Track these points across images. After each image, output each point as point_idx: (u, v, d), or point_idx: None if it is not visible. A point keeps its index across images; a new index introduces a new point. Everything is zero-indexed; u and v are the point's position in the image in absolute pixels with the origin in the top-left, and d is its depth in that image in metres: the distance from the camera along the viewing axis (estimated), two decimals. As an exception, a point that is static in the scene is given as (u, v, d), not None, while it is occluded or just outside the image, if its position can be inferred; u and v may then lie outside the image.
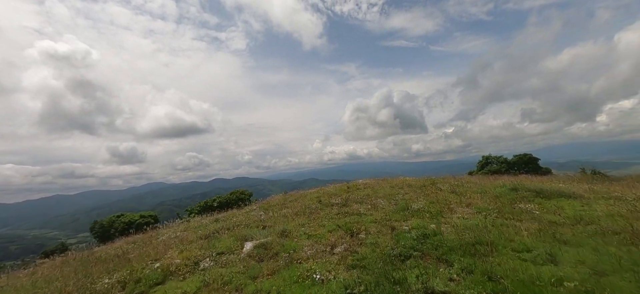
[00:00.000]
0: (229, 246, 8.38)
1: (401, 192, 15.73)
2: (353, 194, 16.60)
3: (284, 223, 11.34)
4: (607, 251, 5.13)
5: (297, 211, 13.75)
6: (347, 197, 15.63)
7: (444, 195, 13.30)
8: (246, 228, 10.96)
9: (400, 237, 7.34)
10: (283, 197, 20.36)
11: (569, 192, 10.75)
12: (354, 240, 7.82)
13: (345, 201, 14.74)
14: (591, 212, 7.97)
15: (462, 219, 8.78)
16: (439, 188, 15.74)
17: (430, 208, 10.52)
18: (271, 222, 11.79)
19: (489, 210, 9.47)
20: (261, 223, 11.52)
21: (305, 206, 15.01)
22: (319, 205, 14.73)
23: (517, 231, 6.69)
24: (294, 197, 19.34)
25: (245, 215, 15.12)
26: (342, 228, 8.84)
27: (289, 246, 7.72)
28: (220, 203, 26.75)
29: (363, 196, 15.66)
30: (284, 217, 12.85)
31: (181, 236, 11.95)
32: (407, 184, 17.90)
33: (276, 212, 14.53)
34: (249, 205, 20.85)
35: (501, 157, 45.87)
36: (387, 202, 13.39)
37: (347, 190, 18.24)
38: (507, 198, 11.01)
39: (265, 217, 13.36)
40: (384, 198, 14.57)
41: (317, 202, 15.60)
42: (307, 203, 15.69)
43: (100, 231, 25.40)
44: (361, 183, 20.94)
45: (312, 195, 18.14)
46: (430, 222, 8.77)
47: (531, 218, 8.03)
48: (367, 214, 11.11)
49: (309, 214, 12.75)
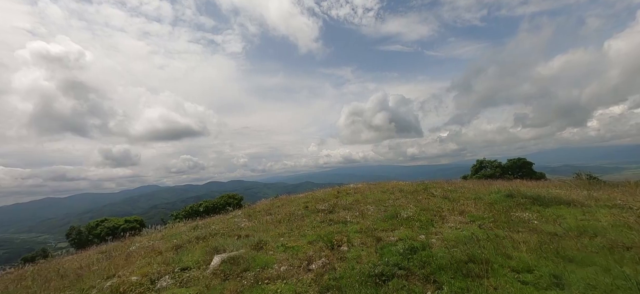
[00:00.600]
0: (196, 259, 7.47)
1: (392, 198, 14.95)
2: (342, 199, 15.78)
3: (264, 231, 10.46)
4: (621, 272, 4.38)
5: (281, 218, 12.88)
6: (335, 203, 14.80)
7: (436, 202, 12.54)
8: (222, 237, 10.05)
9: (385, 251, 6.53)
10: (270, 202, 19.46)
11: (568, 199, 10.07)
12: (334, 254, 6.99)
13: (333, 207, 13.91)
14: (595, 223, 7.25)
15: (454, 229, 8.01)
16: (431, 194, 15.01)
17: (421, 216, 9.74)
18: (251, 231, 10.90)
19: (483, 219, 8.72)
20: (240, 231, 10.62)
21: (291, 212, 14.14)
22: (304, 212, 13.87)
23: (516, 246, 5.92)
24: (281, 202, 18.46)
25: (226, 222, 14.19)
26: (323, 239, 8.00)
27: (261, 260, 6.85)
28: (206, 208, 25.70)
29: (352, 202, 14.85)
30: (266, 225, 11.97)
31: (153, 245, 10.98)
32: (399, 189, 17.15)
33: (260, 219, 13.64)
34: (236, 210, 19.88)
35: (495, 161, 45.57)
36: (376, 209, 12.59)
37: (336, 195, 17.41)
38: (503, 205, 10.29)
39: (246, 224, 12.46)
40: (374, 204, 13.77)
41: (303, 208, 14.74)
42: (293, 209, 14.82)
43: (77, 238, 24.13)
44: (352, 187, 20.15)
45: (300, 201, 17.29)
46: (420, 232, 7.98)
47: (530, 229, 7.28)
48: (353, 222, 10.28)
49: (293, 221, 11.89)
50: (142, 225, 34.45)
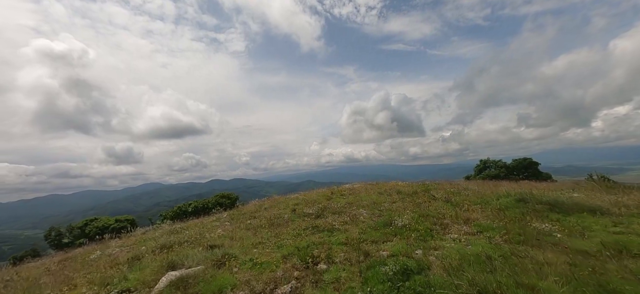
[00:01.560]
0: (144, 278, 6.15)
1: (388, 200, 13.55)
2: (334, 202, 14.41)
3: (239, 240, 9.12)
4: None
5: (264, 222, 11.54)
6: (325, 206, 13.43)
7: (437, 206, 11.12)
8: (189, 246, 8.74)
9: (371, 273, 5.15)
10: (260, 203, 18.14)
11: (591, 205, 8.60)
12: (308, 274, 5.63)
13: (322, 211, 12.54)
14: (634, 237, 5.81)
15: (458, 243, 6.61)
16: (432, 197, 13.58)
17: (419, 224, 8.33)
18: (224, 239, 9.56)
19: (493, 230, 7.30)
20: (212, 240, 9.28)
21: (277, 216, 12.81)
22: (291, 215, 12.52)
23: (539, 270, 4.52)
24: (271, 203, 17.14)
25: (205, 226, 12.88)
26: (301, 253, 6.63)
27: (219, 282, 5.51)
28: (196, 209, 24.43)
29: (344, 204, 13.48)
30: (245, 231, 10.65)
31: (115, 254, 9.71)
32: (397, 190, 15.74)
33: (241, 223, 12.33)
34: (222, 212, 18.58)
35: (500, 161, 43.87)
36: (370, 213, 11.20)
37: (329, 197, 16.05)
38: (515, 212, 8.84)
39: (223, 231, 11.13)
40: (367, 207, 12.38)
41: (291, 211, 13.39)
42: (280, 212, 13.49)
43: (56, 239, 22.97)
44: (347, 188, 18.76)
45: (289, 202, 15.94)
46: (416, 246, 6.59)
47: (553, 245, 5.86)
48: (341, 229, 8.91)
49: (275, 227, 10.54)
50: (133, 225, 33.30)
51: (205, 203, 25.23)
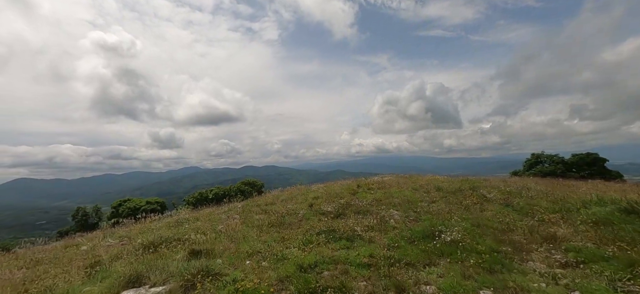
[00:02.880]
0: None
1: (426, 199, 10.99)
2: (359, 197, 12.19)
3: (236, 243, 7.38)
4: None
5: (274, 219, 9.71)
6: (348, 202, 11.27)
7: (495, 212, 8.38)
8: (176, 247, 7.20)
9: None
10: (277, 194, 16.51)
11: None
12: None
13: (344, 208, 10.39)
14: None
15: (552, 282, 4.10)
16: (483, 196, 10.74)
17: (477, 240, 5.83)
18: (221, 239, 7.88)
19: (605, 261, 4.62)
20: (203, 242, 7.65)
21: (291, 211, 10.97)
22: (307, 212, 10.58)
23: None
24: (289, 194, 15.42)
25: (213, 218, 11.47)
26: (302, 281, 4.60)
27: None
28: (216, 195, 23.76)
29: (371, 201, 11.19)
30: (250, 228, 8.93)
31: (108, 246, 8.59)
32: (436, 186, 13.04)
33: (251, 217, 10.69)
34: (235, 202, 17.28)
35: (556, 156, 38.08)
36: (403, 216, 8.83)
37: (354, 191, 13.84)
38: (626, 230, 5.91)
39: (226, 226, 9.52)
40: (400, 207, 9.98)
41: (308, 206, 11.46)
42: (295, 207, 11.64)
43: (83, 220, 23.76)
44: (376, 181, 16.35)
45: (309, 194, 14.04)
46: (481, 281, 4.22)
47: None
48: (364, 239, 6.72)
49: (284, 228, 8.66)
50: (163, 207, 34.21)
51: (226, 191, 24.47)
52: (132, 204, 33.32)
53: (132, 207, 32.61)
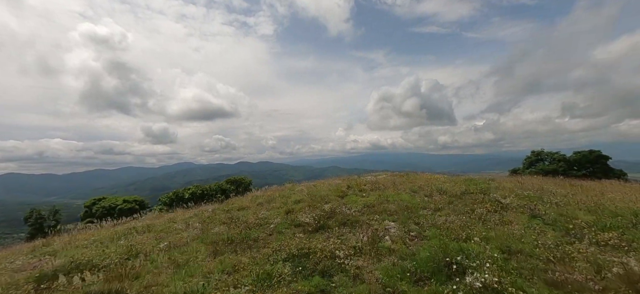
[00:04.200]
0: None
1: (429, 205, 9.00)
2: (349, 201, 10.17)
3: (165, 278, 5.31)
4: None
5: (235, 235, 7.61)
6: (335, 208, 9.22)
7: (524, 226, 6.43)
8: (73, 288, 5.11)
9: None
10: (256, 195, 14.40)
11: None
12: None
13: (328, 217, 8.35)
14: None
15: None
16: (498, 202, 8.79)
17: (524, 290, 3.83)
18: (144, 272, 5.78)
19: None
20: (121, 275, 5.54)
21: (262, 220, 8.91)
22: (282, 222, 8.53)
23: None
24: (268, 196, 13.33)
25: (165, 229, 9.32)
26: None
27: None
28: (193, 195, 21.52)
29: (361, 208, 9.17)
30: (201, 247, 6.86)
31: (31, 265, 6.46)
32: (438, 188, 11.06)
33: (209, 230, 8.59)
34: (214, 203, 15.16)
35: (557, 154, 36.62)
36: (402, 230, 6.84)
37: (343, 193, 11.82)
38: None
39: (174, 242, 7.43)
40: (397, 216, 7.99)
41: (284, 214, 9.40)
42: (269, 215, 9.58)
43: (36, 223, 21.29)
44: (369, 180, 14.34)
45: (291, 197, 11.98)
46: None
47: None
48: (349, 271, 4.72)
49: (243, 250, 6.59)
50: (142, 206, 31.79)
51: (204, 190, 22.24)
52: (107, 203, 30.82)
53: (108, 206, 30.14)
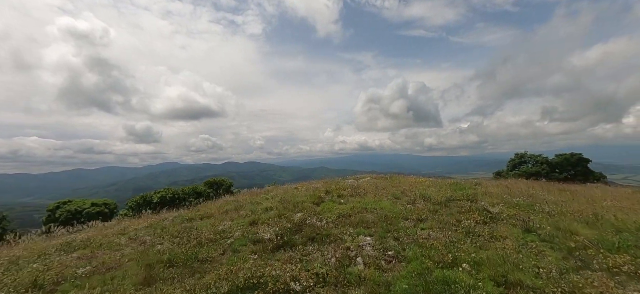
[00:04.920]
0: None
1: (411, 214, 7.97)
2: (323, 211, 9.04)
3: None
4: None
5: (179, 255, 6.29)
6: (304, 219, 8.05)
7: (517, 244, 5.45)
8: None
9: None
10: (224, 202, 13.05)
11: None
12: None
13: (295, 231, 7.18)
14: None
15: None
16: (486, 212, 7.88)
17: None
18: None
19: None
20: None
21: (219, 234, 7.64)
22: (241, 236, 7.29)
23: None
24: (237, 203, 12.03)
25: (105, 244, 7.90)
26: None
27: None
28: (162, 199, 19.84)
29: (337, 218, 8.06)
30: (133, 270, 5.56)
31: None
32: (423, 194, 10.10)
33: (154, 245, 7.26)
34: (182, 209, 13.66)
35: (540, 156, 36.86)
36: (379, 247, 5.77)
37: (319, 199, 10.71)
38: None
39: (100, 265, 6.07)
40: (376, 228, 6.91)
41: (247, 226, 8.16)
42: (230, 227, 8.31)
43: None
44: (349, 185, 13.28)
45: (260, 205, 10.73)
46: None
47: None
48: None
49: (181, 277, 5.33)
50: (113, 209, 29.57)
51: (175, 194, 20.57)
52: (73, 206, 28.38)
53: (73, 210, 27.73)
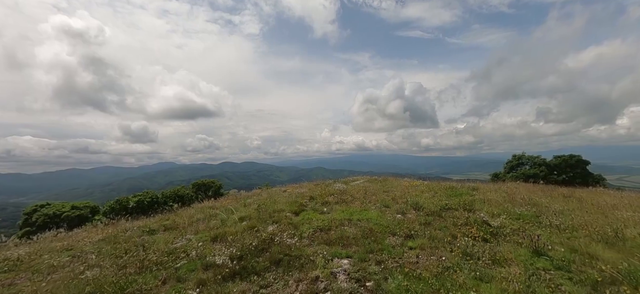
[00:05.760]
0: None
1: (400, 229, 6.88)
2: (301, 222, 7.94)
3: None
4: None
5: (108, 283, 5.16)
6: (274, 235, 6.92)
7: (526, 274, 4.38)
8: None
9: None
10: (197, 210, 11.91)
11: None
12: None
13: (261, 249, 6.07)
14: None
15: None
16: (486, 225, 6.82)
17: None
18: None
19: None
20: None
21: (171, 253, 6.49)
22: (195, 257, 6.16)
23: None
24: (212, 209, 10.91)
25: (39, 266, 6.76)
26: None
27: None
28: (140, 204, 18.57)
29: (314, 232, 6.95)
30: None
31: None
32: (415, 203, 9.04)
33: (93, 264, 6.13)
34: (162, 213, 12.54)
35: (538, 157, 35.92)
36: (356, 274, 4.67)
37: (302, 206, 9.61)
38: None
39: None
40: (357, 245, 5.82)
41: (209, 241, 7.03)
42: (187, 244, 7.17)
43: None
44: (337, 190, 12.18)
45: (234, 214, 9.60)
46: None
47: None
48: None
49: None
50: (94, 212, 28.22)
51: (154, 198, 19.30)
52: (51, 210, 26.94)
53: (51, 214, 26.36)
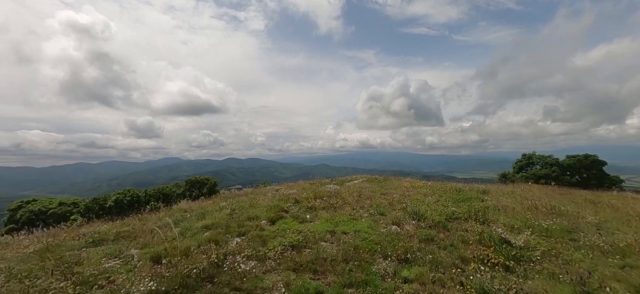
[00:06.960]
0: None
1: (393, 247, 5.35)
2: (279, 229, 6.49)
3: None
4: None
5: None
6: (225, 256, 5.47)
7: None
8: None
9: None
10: (173, 211, 10.52)
11: None
12: None
13: (202, 279, 4.62)
14: None
15: None
16: (506, 244, 5.27)
17: None
18: None
19: None
20: None
21: (90, 279, 5.07)
22: (116, 289, 4.75)
23: None
24: (183, 212, 9.50)
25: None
26: None
27: None
28: (119, 203, 17.29)
29: (282, 251, 5.46)
30: None
31: None
32: (415, 212, 7.48)
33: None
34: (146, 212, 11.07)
35: (549, 157, 33.67)
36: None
37: (284, 210, 8.15)
38: None
39: None
40: (332, 275, 4.34)
41: (149, 260, 5.56)
42: (119, 264, 5.75)
43: None
44: (328, 191, 10.69)
45: (202, 219, 8.16)
46: None
47: None
48: None
49: None
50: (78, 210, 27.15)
51: (135, 196, 18.00)
52: (37, 206, 25.88)
53: (37, 211, 25.31)
